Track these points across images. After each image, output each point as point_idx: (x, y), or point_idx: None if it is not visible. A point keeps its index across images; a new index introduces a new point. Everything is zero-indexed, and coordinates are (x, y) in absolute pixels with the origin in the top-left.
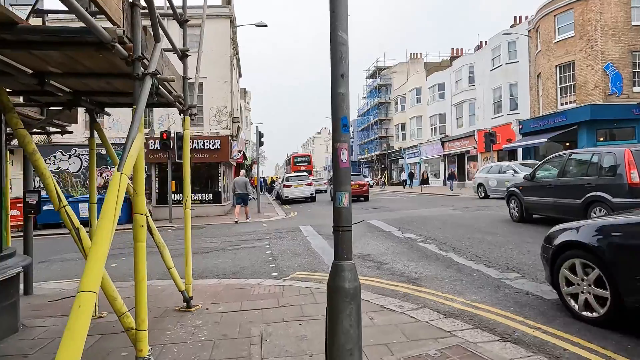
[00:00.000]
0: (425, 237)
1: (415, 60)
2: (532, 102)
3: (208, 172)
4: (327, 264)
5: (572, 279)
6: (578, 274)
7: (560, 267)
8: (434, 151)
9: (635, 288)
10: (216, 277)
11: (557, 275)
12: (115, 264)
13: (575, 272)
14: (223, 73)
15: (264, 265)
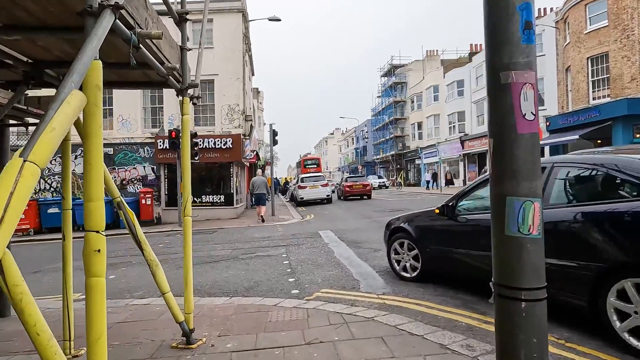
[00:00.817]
0: None
1: (432, 58)
2: (561, 97)
3: (220, 173)
4: (357, 278)
5: (399, 250)
6: (398, 248)
7: (393, 242)
8: (453, 150)
9: (427, 253)
10: (226, 294)
11: (390, 249)
12: (113, 275)
13: (397, 250)
14: (235, 69)
15: (282, 279)
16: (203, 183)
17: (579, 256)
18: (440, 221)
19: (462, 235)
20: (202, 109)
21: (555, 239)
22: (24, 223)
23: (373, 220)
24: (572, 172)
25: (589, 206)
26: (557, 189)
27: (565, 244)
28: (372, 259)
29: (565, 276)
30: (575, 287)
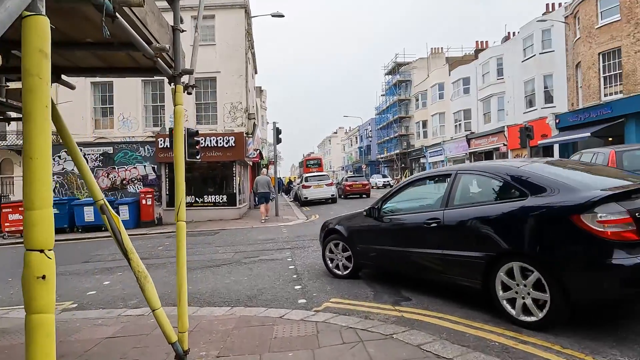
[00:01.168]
0: None
1: (437, 55)
2: (570, 94)
3: (222, 172)
4: (370, 286)
5: (333, 250)
6: (333, 249)
7: (328, 243)
8: (459, 149)
9: (357, 251)
10: (227, 304)
11: (325, 249)
12: (108, 281)
13: (332, 250)
14: (238, 67)
15: (288, 286)
16: (205, 183)
17: (475, 247)
18: (368, 222)
19: (387, 234)
20: (204, 107)
21: (457, 234)
22: (21, 224)
23: None
24: (471, 179)
25: (482, 206)
26: (460, 192)
27: (465, 238)
28: None
29: (465, 264)
30: (472, 272)
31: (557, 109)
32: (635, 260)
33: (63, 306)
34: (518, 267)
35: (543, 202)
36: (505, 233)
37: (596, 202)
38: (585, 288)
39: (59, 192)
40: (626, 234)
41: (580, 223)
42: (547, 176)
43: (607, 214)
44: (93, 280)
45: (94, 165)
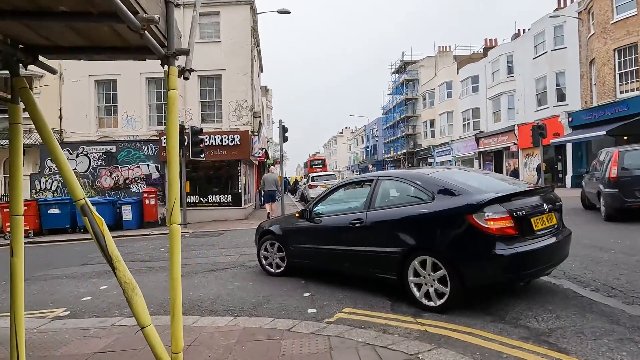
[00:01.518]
0: None
1: (444, 54)
2: (584, 92)
3: (227, 172)
4: (386, 294)
5: (269, 249)
6: (269, 248)
7: (263, 243)
8: (468, 148)
9: (290, 250)
10: (230, 313)
11: (260, 248)
12: (105, 285)
13: (267, 248)
14: (243, 64)
15: (296, 293)
16: (210, 182)
17: (392, 244)
18: (301, 223)
19: (318, 234)
20: (209, 105)
21: (377, 233)
22: (26, 224)
23: None
24: (390, 184)
25: (398, 208)
26: (380, 196)
27: (384, 236)
28: None
29: (384, 259)
30: (390, 265)
31: (569, 107)
32: (512, 250)
33: (55, 313)
34: (425, 259)
35: (445, 204)
36: (416, 230)
37: (484, 204)
38: (478, 275)
39: (61, 192)
40: (507, 229)
41: (473, 221)
42: (450, 182)
43: (492, 214)
44: (89, 285)
45: (96, 164)
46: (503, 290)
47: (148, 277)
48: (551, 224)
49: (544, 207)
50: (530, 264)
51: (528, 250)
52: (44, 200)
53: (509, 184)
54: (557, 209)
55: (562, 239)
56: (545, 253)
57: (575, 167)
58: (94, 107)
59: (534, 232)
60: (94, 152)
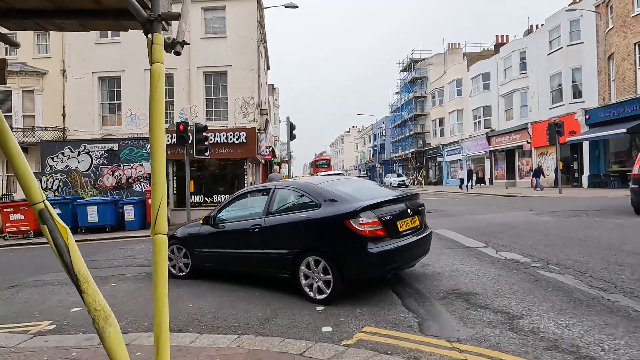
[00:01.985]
0: (538, 258)
1: (454, 51)
2: (602, 88)
3: (233, 171)
4: (410, 309)
5: (176, 253)
6: (175, 252)
7: (170, 247)
8: (478, 147)
9: (195, 255)
10: (234, 330)
11: None
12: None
13: (173, 251)
14: (249, 60)
15: (307, 305)
16: (215, 181)
17: (286, 246)
18: (206, 229)
19: (222, 238)
20: (214, 103)
21: (273, 236)
22: (23, 224)
23: None
24: (285, 192)
25: (291, 214)
26: (277, 203)
27: (279, 239)
28: (423, 277)
29: (279, 260)
30: (284, 265)
31: (586, 103)
32: (380, 248)
33: (39, 327)
34: (313, 259)
35: (329, 211)
36: (305, 234)
37: (360, 211)
38: (354, 270)
39: (62, 191)
40: (377, 231)
41: (350, 225)
42: (333, 192)
43: (365, 218)
44: None
45: (98, 162)
46: None
47: (145, 284)
48: (414, 226)
49: (408, 212)
50: (396, 259)
51: (393, 247)
52: None
53: (380, 192)
54: (419, 213)
55: (423, 237)
56: (408, 249)
57: (592, 167)
58: (98, 104)
59: (400, 233)
60: (96, 151)
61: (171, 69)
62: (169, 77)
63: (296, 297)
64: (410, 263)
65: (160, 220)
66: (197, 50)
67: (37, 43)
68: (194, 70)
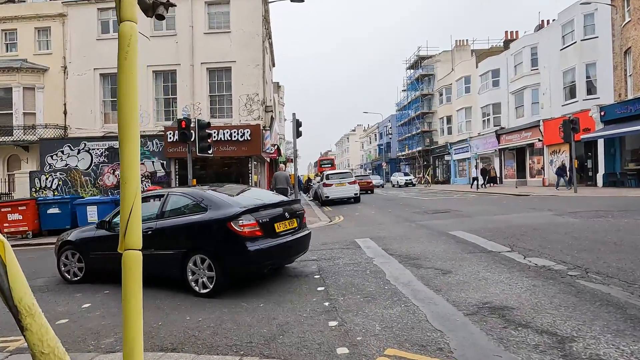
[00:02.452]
0: (573, 265)
1: (462, 48)
2: (617, 84)
3: (237, 169)
4: (437, 327)
5: (70, 258)
6: (69, 257)
7: (63, 253)
8: (487, 145)
9: (90, 259)
10: (235, 350)
11: (60, 258)
12: (88, 303)
13: (68, 257)
14: (254, 56)
15: (319, 320)
16: (219, 180)
17: (175, 247)
18: (100, 233)
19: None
20: (218, 100)
21: (164, 238)
22: (21, 225)
23: (418, 225)
24: (177, 198)
25: (181, 217)
26: (169, 207)
27: (169, 241)
28: (446, 287)
29: (169, 260)
30: (174, 264)
31: (601, 100)
32: (257, 247)
33: (19, 343)
34: (199, 257)
35: (214, 215)
36: (193, 235)
37: (240, 214)
38: (235, 266)
39: (62, 190)
40: (255, 232)
41: (231, 227)
42: (218, 197)
43: (245, 221)
44: (71, 301)
45: (99, 160)
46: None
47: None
48: (292, 227)
49: (285, 215)
50: (272, 256)
51: (269, 246)
52: (43, 200)
53: (263, 198)
54: (298, 216)
55: (301, 237)
56: (284, 248)
57: (607, 165)
58: (100, 101)
59: (277, 233)
60: (96, 149)
61: (174, 65)
62: (172, 73)
63: (305, 310)
64: (288, 260)
65: (132, 230)
66: (200, 45)
67: (37, 39)
68: (198, 67)
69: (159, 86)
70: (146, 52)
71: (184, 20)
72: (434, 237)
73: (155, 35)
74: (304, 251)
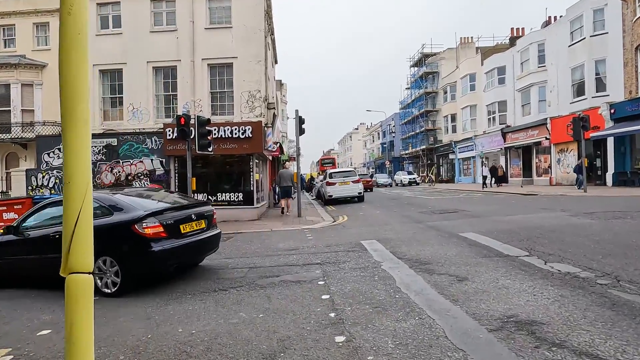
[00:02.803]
0: (601, 272)
1: (466, 45)
2: (628, 81)
3: (238, 168)
4: (458, 345)
5: None
6: None
7: None
8: (493, 144)
9: None
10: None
11: None
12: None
13: None
14: (256, 51)
15: (324, 335)
16: (219, 179)
17: None
18: (7, 238)
19: (25, 245)
20: (219, 97)
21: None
22: None
23: (427, 226)
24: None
25: None
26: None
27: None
28: (464, 296)
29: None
30: None
31: (611, 97)
32: (160, 247)
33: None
34: (106, 259)
35: (120, 218)
36: (100, 238)
37: (143, 217)
38: (140, 266)
39: (59, 188)
40: (159, 234)
41: (135, 229)
42: (123, 201)
43: (149, 223)
44: (57, 309)
45: (96, 158)
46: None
47: (132, 300)
48: (200, 228)
49: (192, 217)
50: (177, 255)
51: (174, 246)
52: (40, 198)
53: (167, 202)
54: (206, 217)
55: (208, 237)
56: (189, 248)
57: (617, 164)
58: (99, 98)
59: (182, 234)
60: (94, 146)
61: (174, 61)
62: (172, 69)
63: (309, 322)
64: (195, 259)
65: (80, 246)
66: (201, 41)
67: (36, 35)
68: (198, 63)
69: (159, 83)
70: (146, 48)
71: (184, 16)
72: (445, 240)
73: (155, 30)
74: (213, 250)
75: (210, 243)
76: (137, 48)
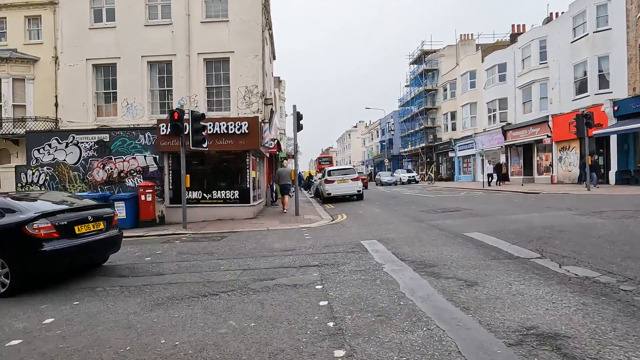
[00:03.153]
0: (622, 276)
1: (466, 42)
2: (632, 77)
3: (234, 164)
4: (465, 354)
5: None
6: None
7: None
8: (493, 141)
9: None
10: None
11: None
12: (51, 318)
13: None
14: (253, 46)
15: (322, 348)
16: (215, 176)
17: None
18: None
19: None
20: (215, 92)
21: None
22: None
23: (429, 225)
24: None
25: None
26: None
27: None
28: (475, 304)
29: None
30: None
31: (614, 94)
32: (52, 247)
33: None
34: None
35: (10, 220)
36: None
37: (34, 219)
38: (32, 266)
39: (49, 186)
40: (51, 234)
41: (26, 230)
42: (15, 203)
43: (40, 224)
44: (34, 315)
45: (88, 154)
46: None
47: (116, 303)
48: (98, 229)
49: (89, 218)
50: (70, 255)
51: (67, 246)
52: None
53: (61, 204)
54: (105, 219)
55: (106, 238)
56: (84, 248)
57: (620, 162)
58: (92, 93)
59: (77, 235)
60: (86, 142)
61: (169, 56)
62: (168, 64)
63: (305, 333)
64: (93, 259)
65: None
66: (197, 35)
67: (28, 28)
68: (194, 57)
69: (154, 78)
70: (141, 42)
71: (179, 9)
72: (449, 240)
73: (149, 24)
74: (113, 250)
75: (110, 244)
76: (131, 42)
